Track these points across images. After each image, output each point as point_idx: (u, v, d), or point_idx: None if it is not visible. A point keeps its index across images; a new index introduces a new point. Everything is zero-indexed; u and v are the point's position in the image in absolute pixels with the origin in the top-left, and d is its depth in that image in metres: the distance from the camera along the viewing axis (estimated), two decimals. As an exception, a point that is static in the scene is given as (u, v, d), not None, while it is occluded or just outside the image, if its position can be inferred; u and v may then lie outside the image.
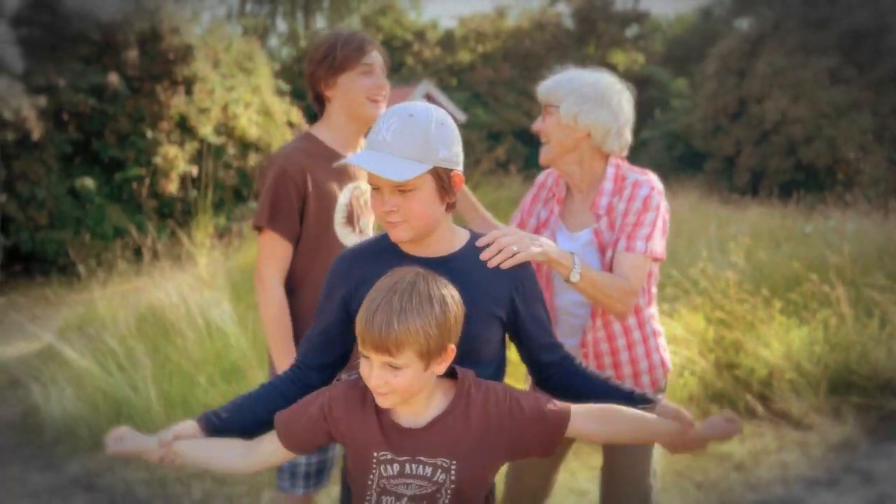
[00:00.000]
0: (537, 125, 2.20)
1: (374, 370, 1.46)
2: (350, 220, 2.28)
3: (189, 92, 11.11)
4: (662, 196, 2.16)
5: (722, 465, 3.85)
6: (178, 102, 10.85)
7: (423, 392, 1.50)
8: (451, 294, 1.49)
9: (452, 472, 1.49)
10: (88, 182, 10.01)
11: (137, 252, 8.20)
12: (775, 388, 4.47)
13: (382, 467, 1.51)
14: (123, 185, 10.65)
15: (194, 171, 10.80)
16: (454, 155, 1.58)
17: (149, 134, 10.58)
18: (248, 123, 12.00)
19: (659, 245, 2.10)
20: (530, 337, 1.67)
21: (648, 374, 2.25)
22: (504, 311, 1.62)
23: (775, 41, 14.67)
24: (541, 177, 2.38)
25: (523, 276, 1.66)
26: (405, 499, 1.50)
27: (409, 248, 1.63)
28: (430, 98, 14.93)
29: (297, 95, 14.53)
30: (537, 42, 20.38)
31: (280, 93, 14.03)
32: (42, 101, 9.44)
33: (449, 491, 1.50)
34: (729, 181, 13.95)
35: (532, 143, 19.17)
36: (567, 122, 2.12)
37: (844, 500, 3.50)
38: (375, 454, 1.52)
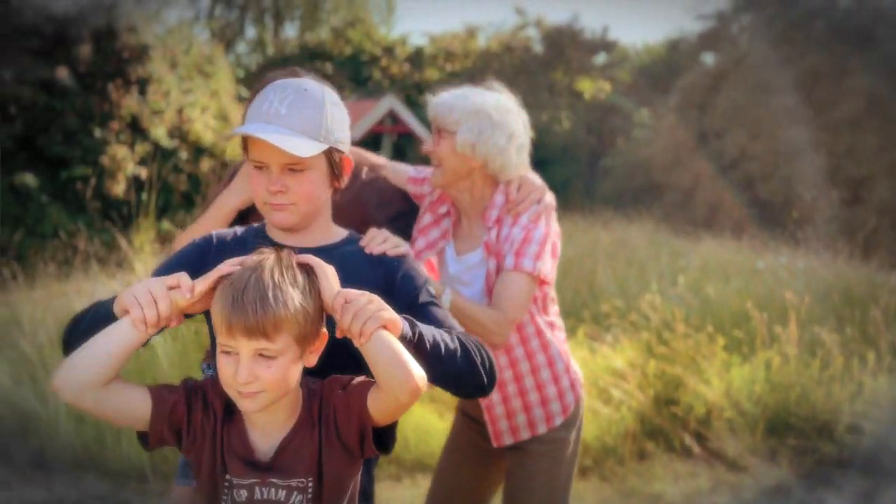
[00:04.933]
0: (428, 147, 2.11)
1: (242, 364, 1.23)
2: None
3: (143, 92, 10.85)
4: (552, 214, 2.12)
5: (653, 506, 3.74)
6: (130, 102, 10.58)
7: (290, 394, 1.32)
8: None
9: (309, 492, 1.31)
10: (30, 179, 9.67)
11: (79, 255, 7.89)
12: (713, 427, 4.38)
13: (235, 492, 1.31)
14: (67, 185, 10.31)
15: (144, 173, 10.51)
16: (346, 138, 1.48)
17: (97, 133, 10.27)
18: (204, 128, 11.75)
19: (547, 265, 2.02)
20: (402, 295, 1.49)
21: (558, 401, 2.15)
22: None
23: (737, 77, 14.91)
24: (429, 197, 2.25)
25: (397, 265, 1.52)
26: None
27: (281, 237, 1.50)
28: (393, 113, 14.80)
29: (258, 103, 14.26)
30: (506, 65, 20.43)
31: (241, 99, 13.80)
32: (-14, 92, 9.12)
33: None
34: (685, 213, 14.08)
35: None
36: (463, 151, 2.04)
37: (774, 547, 3.42)
38: (228, 477, 1.32)
